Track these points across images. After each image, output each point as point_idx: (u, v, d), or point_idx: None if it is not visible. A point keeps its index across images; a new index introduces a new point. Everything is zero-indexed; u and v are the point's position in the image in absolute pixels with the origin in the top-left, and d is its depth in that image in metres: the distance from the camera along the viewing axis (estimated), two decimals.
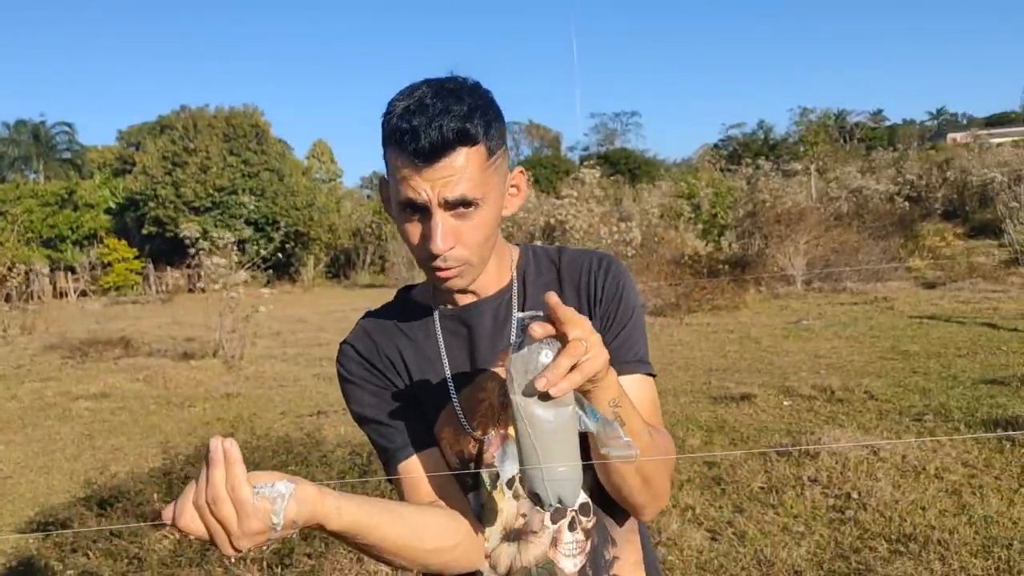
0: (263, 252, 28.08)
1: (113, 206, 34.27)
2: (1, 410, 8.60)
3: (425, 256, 1.07)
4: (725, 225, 17.09)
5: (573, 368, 0.86)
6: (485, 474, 1.14)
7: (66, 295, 30.11)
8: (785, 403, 6.39)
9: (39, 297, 27.74)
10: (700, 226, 17.27)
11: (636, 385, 1.10)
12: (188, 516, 0.87)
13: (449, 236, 1.05)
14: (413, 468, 1.16)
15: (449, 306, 1.20)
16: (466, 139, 1.02)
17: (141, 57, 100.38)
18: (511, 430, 1.09)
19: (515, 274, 1.21)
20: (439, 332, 1.20)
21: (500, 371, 1.14)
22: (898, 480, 4.44)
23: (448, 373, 1.17)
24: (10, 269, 21.14)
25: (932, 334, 8.88)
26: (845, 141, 45.73)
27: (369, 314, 1.27)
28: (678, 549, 3.85)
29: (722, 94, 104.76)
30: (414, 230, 1.07)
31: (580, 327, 0.87)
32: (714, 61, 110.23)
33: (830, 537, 3.85)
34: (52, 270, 30.79)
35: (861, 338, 9.11)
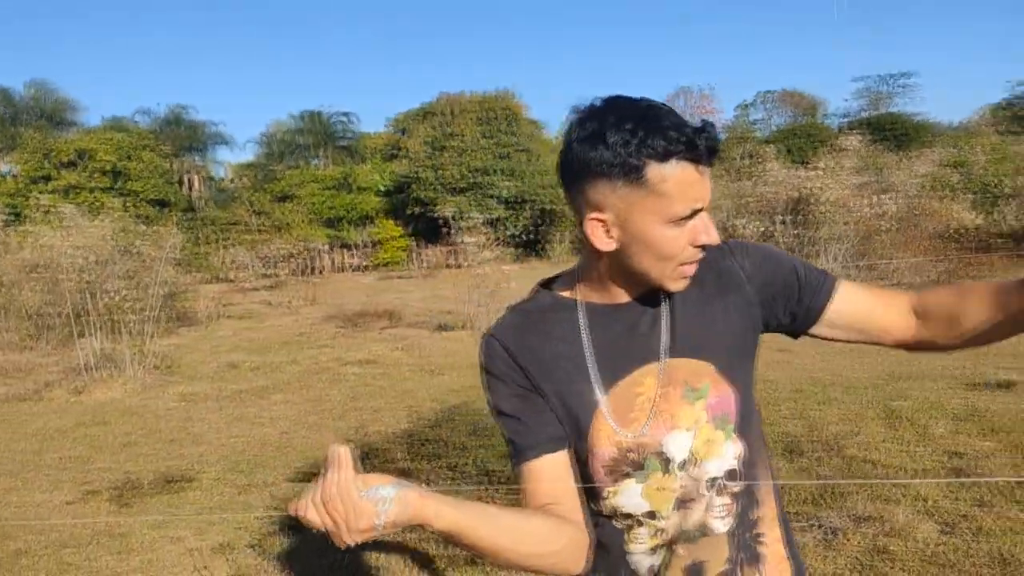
0: (512, 230, 29.37)
1: (383, 189, 37.13)
2: (283, 372, 9.83)
3: (686, 256, 1.13)
4: (1001, 195, 15.34)
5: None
6: (656, 460, 1.20)
7: (344, 270, 33.30)
8: None
9: (321, 271, 30.99)
10: (971, 196, 15.64)
11: (848, 296, 1.24)
12: (312, 511, 1.01)
13: None
14: (537, 468, 1.19)
15: (600, 302, 1.23)
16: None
17: (408, 48, 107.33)
18: (678, 419, 1.19)
19: None
20: (584, 328, 1.22)
21: (654, 367, 1.20)
22: None
23: (595, 370, 1.21)
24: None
25: None
26: None
27: (514, 308, 1.30)
28: (902, 539, 3.69)
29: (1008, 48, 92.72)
30: (680, 237, 1.11)
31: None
32: (998, 9, 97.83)
33: None
34: (332, 247, 34.19)
35: None
